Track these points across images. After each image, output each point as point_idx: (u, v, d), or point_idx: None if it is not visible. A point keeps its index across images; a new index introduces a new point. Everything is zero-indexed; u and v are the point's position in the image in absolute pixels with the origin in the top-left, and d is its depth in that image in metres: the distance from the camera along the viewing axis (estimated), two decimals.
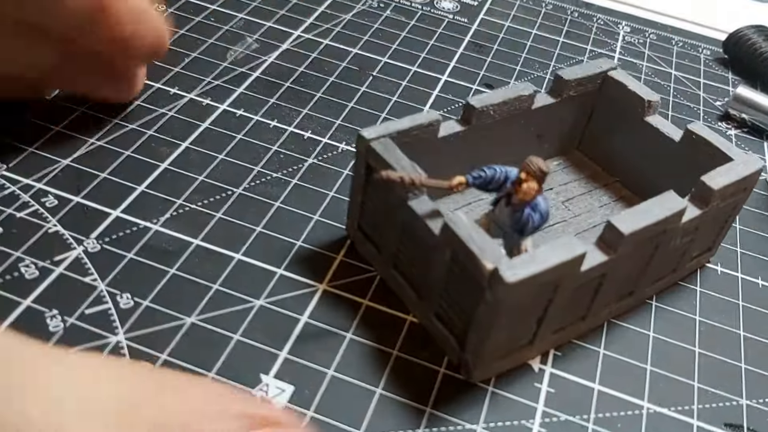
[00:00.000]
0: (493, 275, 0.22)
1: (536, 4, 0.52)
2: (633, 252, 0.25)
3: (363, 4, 0.48)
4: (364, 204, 0.28)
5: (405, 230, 0.26)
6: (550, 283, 0.23)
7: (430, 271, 0.25)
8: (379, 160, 0.26)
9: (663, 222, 0.25)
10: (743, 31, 0.48)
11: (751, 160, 0.29)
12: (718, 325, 0.30)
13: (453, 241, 0.23)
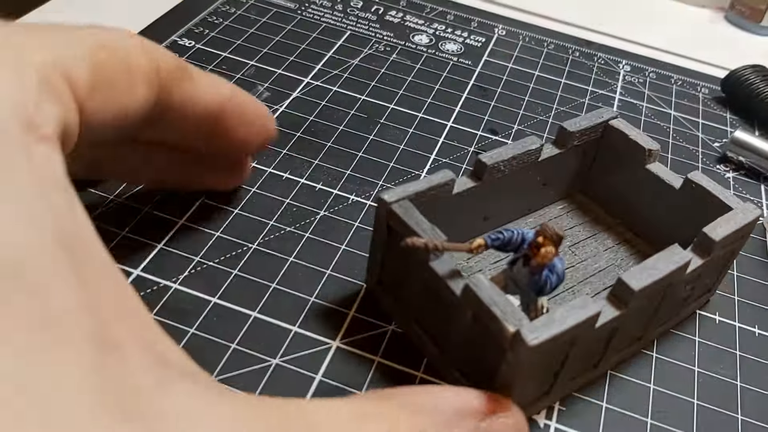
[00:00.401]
0: (515, 338, 0.23)
1: (538, 44, 0.53)
2: (642, 305, 0.27)
3: (370, 48, 0.49)
4: (384, 261, 0.29)
5: (427, 288, 0.27)
6: (567, 341, 0.24)
7: (452, 329, 0.26)
8: (401, 223, 0.27)
9: (669, 276, 0.27)
10: (740, 71, 0.50)
11: (748, 208, 0.30)
12: (716, 376, 0.31)
13: (475, 303, 0.24)
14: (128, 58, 0.23)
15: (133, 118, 0.24)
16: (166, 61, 0.25)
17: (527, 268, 0.27)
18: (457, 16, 0.55)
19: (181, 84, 0.26)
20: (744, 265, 0.37)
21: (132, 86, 0.23)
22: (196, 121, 0.28)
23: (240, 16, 0.50)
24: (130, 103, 0.23)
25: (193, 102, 0.27)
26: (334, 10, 0.53)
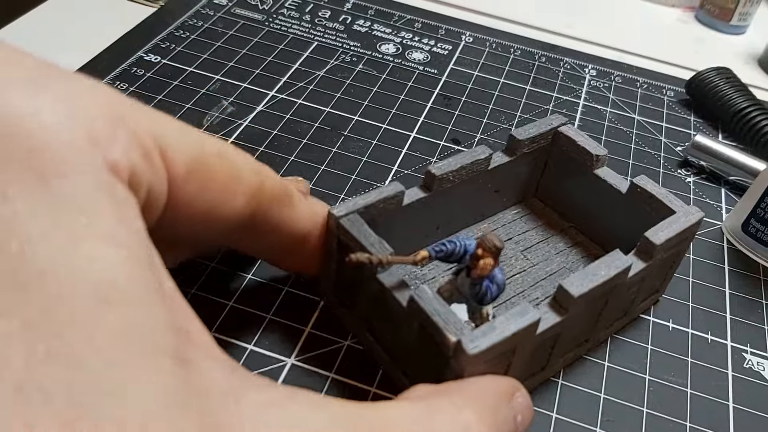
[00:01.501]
0: (456, 347, 0.24)
1: (505, 50, 0.54)
2: (584, 310, 0.28)
3: (336, 59, 0.49)
4: (338, 274, 0.30)
5: (376, 300, 0.28)
6: (509, 349, 0.25)
7: (401, 337, 0.27)
8: (349, 237, 0.28)
9: (610, 281, 0.27)
10: (704, 73, 0.50)
11: (691, 211, 0.31)
12: (667, 384, 0.31)
13: (419, 314, 0.25)
14: (237, 168, 0.24)
15: (223, 224, 0.24)
16: (273, 184, 0.26)
17: (469, 279, 0.27)
18: (425, 24, 0.55)
19: (280, 208, 0.27)
20: (701, 271, 0.37)
21: (232, 192, 0.24)
22: (286, 244, 0.29)
23: (207, 30, 0.50)
24: (225, 207, 0.24)
25: (287, 226, 0.28)
26: (302, 21, 0.53)
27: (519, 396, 0.25)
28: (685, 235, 0.31)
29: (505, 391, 0.24)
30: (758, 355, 0.33)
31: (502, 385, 0.24)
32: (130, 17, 0.50)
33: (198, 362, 0.17)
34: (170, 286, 0.18)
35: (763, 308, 0.36)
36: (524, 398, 0.25)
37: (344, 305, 0.31)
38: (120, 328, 0.15)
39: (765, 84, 0.57)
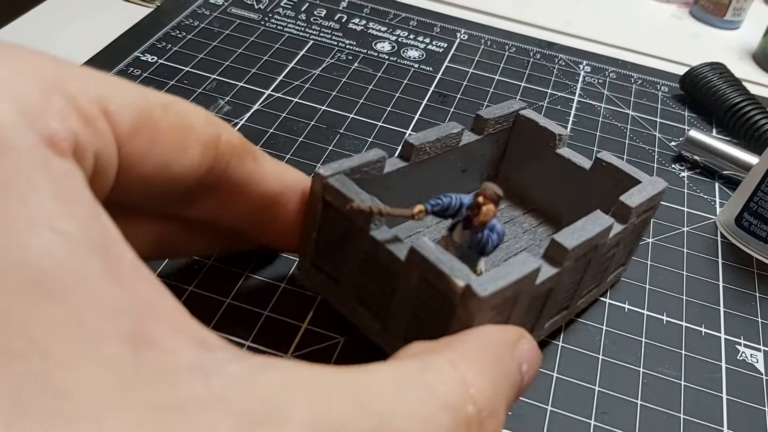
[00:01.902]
0: (465, 292, 0.23)
1: (500, 48, 0.54)
2: (573, 266, 0.28)
3: (332, 58, 0.50)
4: (318, 240, 0.29)
5: (366, 260, 0.27)
6: (511, 297, 0.25)
7: (396, 298, 0.27)
8: (338, 195, 0.27)
9: (596, 237, 0.28)
10: (698, 68, 0.51)
11: (656, 180, 0.32)
12: (661, 376, 0.32)
13: (421, 264, 0.24)
14: (187, 120, 0.23)
15: (183, 179, 0.23)
16: (231, 137, 0.25)
17: (468, 231, 0.28)
18: (420, 21, 0.56)
19: (242, 162, 0.26)
20: (694, 264, 0.38)
21: (184, 145, 0.23)
22: (255, 208, 0.27)
23: (203, 29, 0.50)
24: (178, 161, 0.23)
25: (252, 185, 0.27)
26: (298, 19, 0.53)
27: (524, 343, 0.23)
28: (653, 202, 0.31)
29: (508, 340, 0.23)
30: (751, 347, 0.34)
31: (505, 333, 0.23)
32: (126, 17, 0.50)
33: (161, 340, 0.15)
34: (130, 260, 0.17)
35: (756, 301, 0.36)
36: (529, 344, 0.24)
37: (329, 277, 0.30)
38: (62, 322, 0.14)
39: (759, 79, 0.57)
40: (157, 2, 0.53)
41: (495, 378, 0.21)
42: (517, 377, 0.22)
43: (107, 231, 0.17)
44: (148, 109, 0.21)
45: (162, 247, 0.29)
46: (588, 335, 0.33)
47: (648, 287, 0.36)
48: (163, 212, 0.27)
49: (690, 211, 0.41)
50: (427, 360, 0.20)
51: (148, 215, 0.27)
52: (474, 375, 0.20)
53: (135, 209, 0.25)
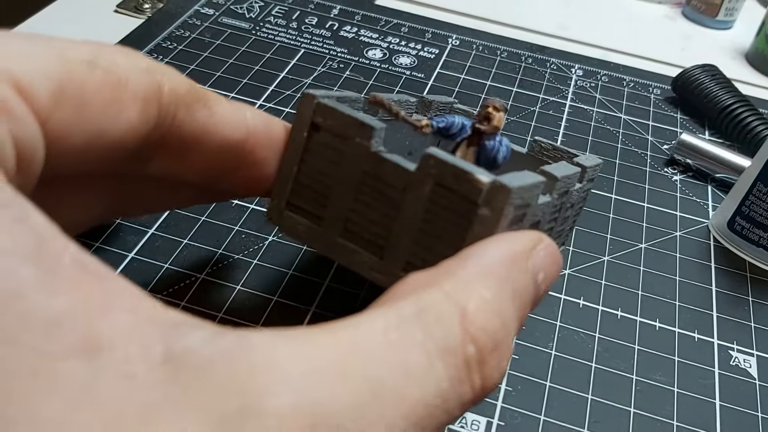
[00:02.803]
0: (491, 188, 0.22)
1: (491, 53, 0.54)
2: (555, 203, 0.27)
3: (323, 66, 0.50)
4: (299, 175, 0.27)
5: (364, 184, 0.25)
6: (522, 208, 0.23)
7: (401, 217, 0.25)
8: (334, 115, 0.25)
9: (572, 178, 0.28)
10: (690, 71, 0.51)
11: (591, 156, 0.33)
12: (654, 383, 0.32)
13: (438, 169, 0.23)
14: (117, 75, 0.20)
15: (123, 142, 0.21)
16: (175, 84, 0.22)
17: (474, 148, 0.27)
18: (411, 27, 0.56)
19: (191, 111, 0.23)
20: (687, 269, 0.38)
21: (118, 106, 0.20)
22: (218, 158, 0.25)
23: (194, 40, 0.50)
24: (114, 124, 0.20)
25: (210, 134, 0.24)
26: (289, 28, 0.53)
27: (541, 249, 0.21)
28: (595, 172, 0.32)
29: (519, 251, 0.21)
30: (744, 352, 0.34)
31: (515, 244, 0.21)
32: (117, 29, 0.50)
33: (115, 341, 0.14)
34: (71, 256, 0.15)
35: (749, 305, 0.36)
36: (547, 250, 0.22)
37: (310, 216, 0.27)
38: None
39: (752, 79, 0.57)
40: (148, 13, 0.53)
41: (501, 304, 0.19)
42: (531, 291, 0.21)
43: (38, 231, 0.15)
44: (69, 72, 0.19)
45: (123, 207, 0.27)
46: (580, 343, 0.33)
47: (641, 293, 0.36)
48: (116, 173, 0.24)
49: (682, 215, 0.41)
50: (422, 298, 0.18)
51: (99, 178, 0.25)
52: (476, 307, 0.18)
53: (82, 175, 0.23)
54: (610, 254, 0.38)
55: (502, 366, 0.19)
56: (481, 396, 0.19)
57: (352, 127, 0.25)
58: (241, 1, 0.56)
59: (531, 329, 0.33)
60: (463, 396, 0.18)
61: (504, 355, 0.19)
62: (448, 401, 0.18)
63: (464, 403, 0.18)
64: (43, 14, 0.52)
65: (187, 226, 0.36)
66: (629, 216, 0.41)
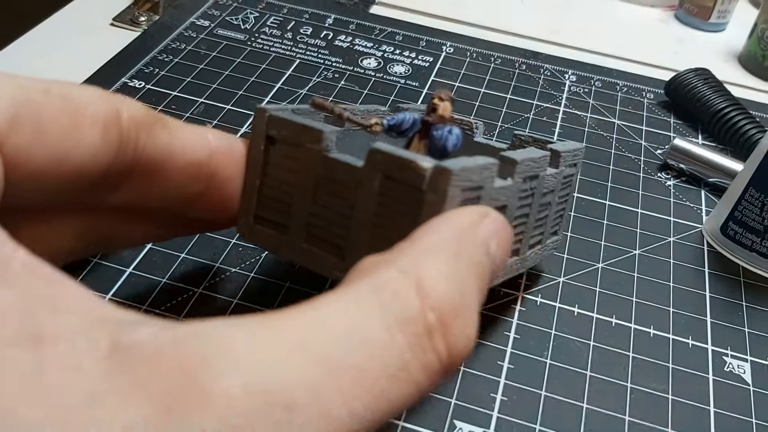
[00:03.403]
0: (434, 172, 0.22)
1: (485, 60, 0.54)
2: (522, 188, 0.28)
3: (318, 76, 0.50)
4: (262, 187, 0.28)
5: (321, 186, 0.26)
6: (475, 190, 0.24)
7: (356, 213, 0.25)
8: (287, 125, 0.26)
9: (538, 161, 0.29)
10: (683, 75, 0.51)
11: (569, 142, 0.33)
12: (648, 391, 0.32)
13: (383, 161, 0.23)
14: (76, 101, 0.21)
15: (87, 168, 0.22)
16: (134, 111, 0.23)
17: (424, 141, 0.28)
18: (406, 36, 0.56)
19: (152, 134, 0.24)
20: (680, 275, 0.38)
21: (77, 129, 0.21)
22: (180, 180, 0.26)
23: (190, 52, 0.51)
24: (75, 148, 0.21)
25: (172, 157, 0.25)
26: (284, 38, 0.54)
27: (488, 222, 0.22)
28: (576, 157, 0.33)
29: (467, 225, 0.21)
30: (738, 358, 0.34)
31: (462, 217, 0.21)
32: (113, 42, 0.51)
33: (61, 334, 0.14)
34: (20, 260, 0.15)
35: (743, 310, 0.36)
36: (494, 221, 0.22)
37: (276, 226, 0.28)
38: None
39: (745, 81, 0.57)
40: (144, 26, 0.53)
41: (457, 273, 0.19)
42: (486, 261, 0.21)
43: None
44: (26, 98, 0.19)
45: (99, 240, 0.27)
46: (576, 352, 0.33)
47: (635, 300, 0.36)
48: (85, 204, 0.25)
49: (676, 221, 0.42)
50: (377, 276, 0.19)
51: (69, 211, 0.25)
52: (431, 278, 0.19)
53: (52, 207, 0.24)
54: (604, 261, 0.38)
55: (468, 333, 0.20)
56: (449, 365, 0.19)
57: (303, 134, 0.26)
58: (236, 12, 0.56)
59: (526, 338, 0.33)
60: (429, 365, 0.18)
61: (468, 322, 0.19)
62: (414, 372, 0.18)
63: (432, 373, 0.18)
64: (40, 28, 0.52)
65: (184, 240, 0.36)
66: (623, 222, 0.41)
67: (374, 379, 0.17)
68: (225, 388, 0.14)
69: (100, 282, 0.34)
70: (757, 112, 0.51)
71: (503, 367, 0.32)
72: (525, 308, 0.35)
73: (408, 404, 0.18)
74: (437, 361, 0.18)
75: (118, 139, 0.22)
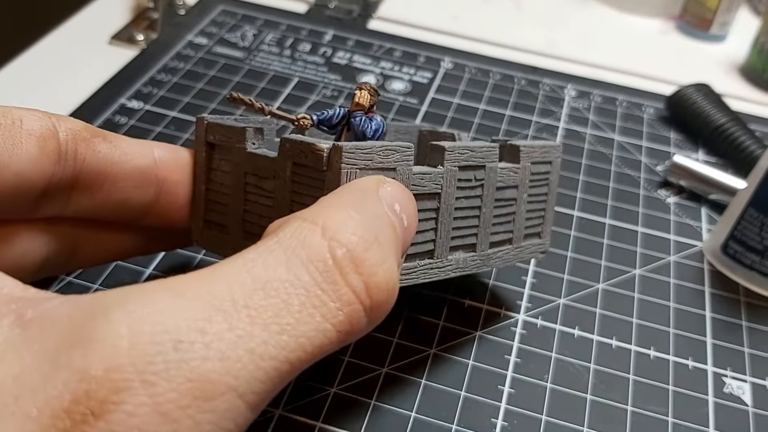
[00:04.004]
0: (331, 151, 0.24)
1: (484, 75, 0.54)
2: (460, 177, 0.28)
3: (317, 95, 0.50)
4: (208, 192, 0.29)
5: (248, 183, 0.28)
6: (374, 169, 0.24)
7: (275, 203, 0.27)
8: (223, 130, 0.28)
9: (478, 150, 0.28)
10: (684, 90, 0.51)
11: (540, 141, 0.33)
12: (648, 414, 0.32)
13: (291, 150, 0.25)
14: (11, 116, 0.23)
15: (29, 178, 0.23)
16: (70, 123, 0.25)
17: (350, 132, 0.29)
18: (404, 52, 0.56)
19: (91, 145, 0.25)
20: (681, 295, 0.38)
21: (13, 140, 0.23)
22: (127, 187, 0.27)
23: (189, 72, 0.51)
24: (12, 157, 0.23)
25: (116, 162, 0.26)
26: (283, 55, 0.54)
27: (387, 185, 0.23)
28: (546, 155, 0.32)
29: (366, 188, 0.22)
30: (738, 379, 0.34)
31: (361, 183, 0.23)
32: (112, 61, 0.51)
33: None
34: None
35: (742, 330, 0.36)
36: (393, 186, 0.23)
37: (220, 228, 0.30)
38: None
39: (746, 93, 0.57)
40: (143, 44, 0.53)
41: (364, 218, 0.20)
42: (393, 218, 0.22)
43: None
44: None
45: (60, 252, 0.28)
46: (576, 375, 0.33)
47: (635, 321, 0.36)
48: (43, 216, 0.26)
49: (676, 239, 0.41)
50: (282, 229, 0.19)
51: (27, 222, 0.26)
52: (336, 221, 0.19)
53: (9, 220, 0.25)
54: (604, 281, 0.38)
55: (387, 268, 0.20)
56: (370, 302, 0.19)
57: (233, 135, 0.28)
58: (234, 29, 0.56)
59: (527, 361, 0.33)
60: (345, 300, 0.18)
61: (385, 257, 0.20)
62: (329, 309, 0.18)
63: (352, 310, 0.19)
64: (40, 46, 0.53)
65: (187, 260, 0.36)
66: (623, 241, 0.41)
67: (275, 316, 0.17)
68: (110, 332, 0.15)
69: None
70: (758, 126, 0.51)
71: (504, 391, 0.32)
72: (526, 331, 0.35)
73: (330, 344, 0.18)
74: (353, 295, 0.19)
75: (56, 150, 0.24)
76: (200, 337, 0.16)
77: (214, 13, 0.58)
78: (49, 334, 0.15)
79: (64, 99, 0.46)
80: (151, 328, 0.16)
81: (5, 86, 0.48)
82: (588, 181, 0.45)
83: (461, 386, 0.32)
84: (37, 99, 0.47)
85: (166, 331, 0.16)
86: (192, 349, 0.16)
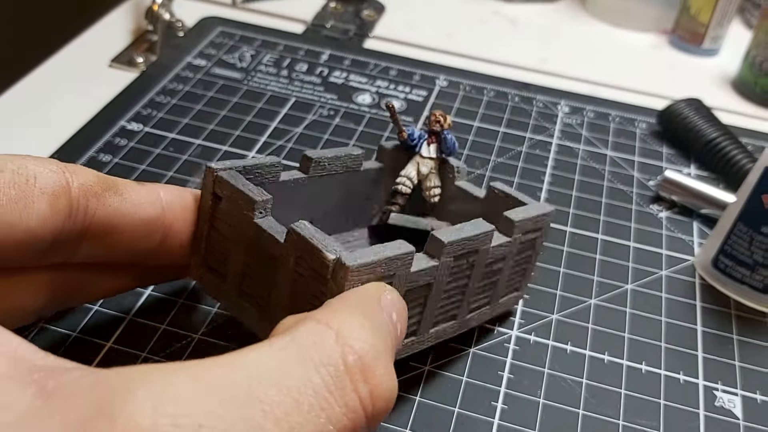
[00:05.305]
0: (336, 264, 0.25)
1: (478, 93, 0.55)
2: (453, 265, 0.29)
3: (314, 114, 0.51)
4: (210, 237, 0.30)
5: (250, 249, 0.29)
6: (384, 277, 0.26)
7: (277, 282, 0.28)
8: (229, 187, 0.29)
9: (476, 239, 0.29)
10: (675, 105, 0.51)
11: (542, 205, 0.34)
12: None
13: (297, 244, 0.26)
14: (26, 174, 0.24)
15: (38, 234, 0.24)
16: (84, 179, 0.25)
17: (434, 145, 0.35)
18: (400, 71, 0.57)
19: (102, 200, 0.26)
20: (672, 309, 0.38)
21: (25, 201, 0.23)
22: (135, 237, 0.28)
23: (188, 93, 0.52)
24: (23, 218, 0.23)
25: (125, 218, 0.27)
26: (280, 76, 0.55)
27: (387, 294, 0.24)
28: (538, 223, 0.33)
29: (371, 295, 0.24)
30: (729, 392, 0.34)
31: (366, 290, 0.24)
32: (113, 83, 0.52)
33: None
34: None
35: (733, 344, 0.37)
36: (392, 295, 0.24)
37: (218, 274, 0.31)
38: None
39: (739, 107, 0.58)
40: (142, 66, 0.54)
41: (371, 326, 0.21)
42: (391, 327, 0.23)
43: None
44: None
45: (66, 294, 0.29)
46: (568, 390, 0.34)
47: (627, 336, 0.37)
48: (50, 263, 0.27)
49: (668, 254, 0.42)
50: (298, 328, 0.20)
51: (34, 269, 0.27)
52: (349, 327, 0.20)
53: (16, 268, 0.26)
54: (597, 296, 0.39)
55: (391, 378, 0.21)
56: (373, 409, 0.20)
57: (240, 198, 0.28)
58: (232, 51, 0.57)
59: (520, 377, 0.34)
60: (351, 406, 0.19)
61: (389, 366, 0.21)
62: (335, 412, 0.19)
63: (355, 415, 0.19)
64: (41, 70, 0.53)
65: (182, 284, 0.37)
66: (615, 256, 0.41)
67: (286, 414, 0.18)
68: (135, 410, 0.16)
69: (99, 329, 0.34)
70: (749, 139, 0.52)
71: (497, 407, 0.33)
72: (519, 347, 0.35)
73: None
74: (358, 402, 0.20)
75: (67, 207, 0.25)
76: (219, 424, 0.17)
77: (213, 34, 0.59)
78: (73, 406, 0.16)
79: (65, 122, 0.47)
80: (173, 410, 0.16)
81: (7, 110, 0.49)
82: (580, 197, 0.46)
83: (455, 403, 0.32)
84: (38, 122, 0.48)
85: (188, 415, 0.16)
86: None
